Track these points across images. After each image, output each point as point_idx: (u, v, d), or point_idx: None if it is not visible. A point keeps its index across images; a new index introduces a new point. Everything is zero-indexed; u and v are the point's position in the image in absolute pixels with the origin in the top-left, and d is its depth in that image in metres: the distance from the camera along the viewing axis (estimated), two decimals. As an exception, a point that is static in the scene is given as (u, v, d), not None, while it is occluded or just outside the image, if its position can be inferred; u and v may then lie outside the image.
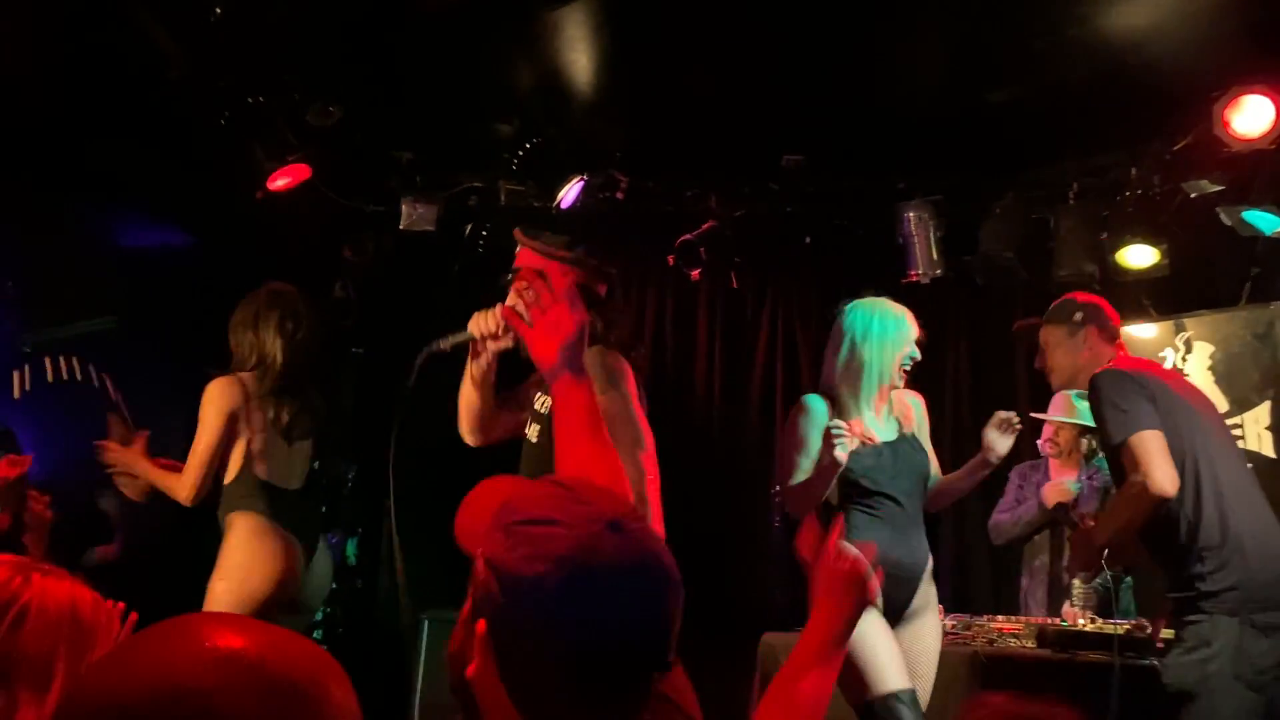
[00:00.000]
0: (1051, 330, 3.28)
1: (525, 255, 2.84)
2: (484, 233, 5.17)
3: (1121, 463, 2.92)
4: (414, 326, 5.45)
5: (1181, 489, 2.82)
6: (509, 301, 2.73)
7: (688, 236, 5.23)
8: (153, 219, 4.97)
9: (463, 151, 5.15)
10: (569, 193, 5.05)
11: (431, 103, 4.78)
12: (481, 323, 2.70)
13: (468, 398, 2.85)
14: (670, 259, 5.29)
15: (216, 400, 3.44)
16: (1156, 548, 2.96)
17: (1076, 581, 3.95)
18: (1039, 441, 4.62)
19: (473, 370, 2.79)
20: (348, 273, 5.28)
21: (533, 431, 2.75)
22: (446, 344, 2.71)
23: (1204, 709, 2.66)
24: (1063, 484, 4.38)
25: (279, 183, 4.62)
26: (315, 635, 5.32)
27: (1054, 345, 3.26)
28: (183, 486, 3.38)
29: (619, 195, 5.29)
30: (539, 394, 2.78)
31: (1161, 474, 2.78)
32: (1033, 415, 4.73)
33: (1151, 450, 2.82)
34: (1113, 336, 3.22)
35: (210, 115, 4.43)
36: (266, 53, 4.30)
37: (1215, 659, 2.68)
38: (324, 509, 4.73)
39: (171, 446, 3.96)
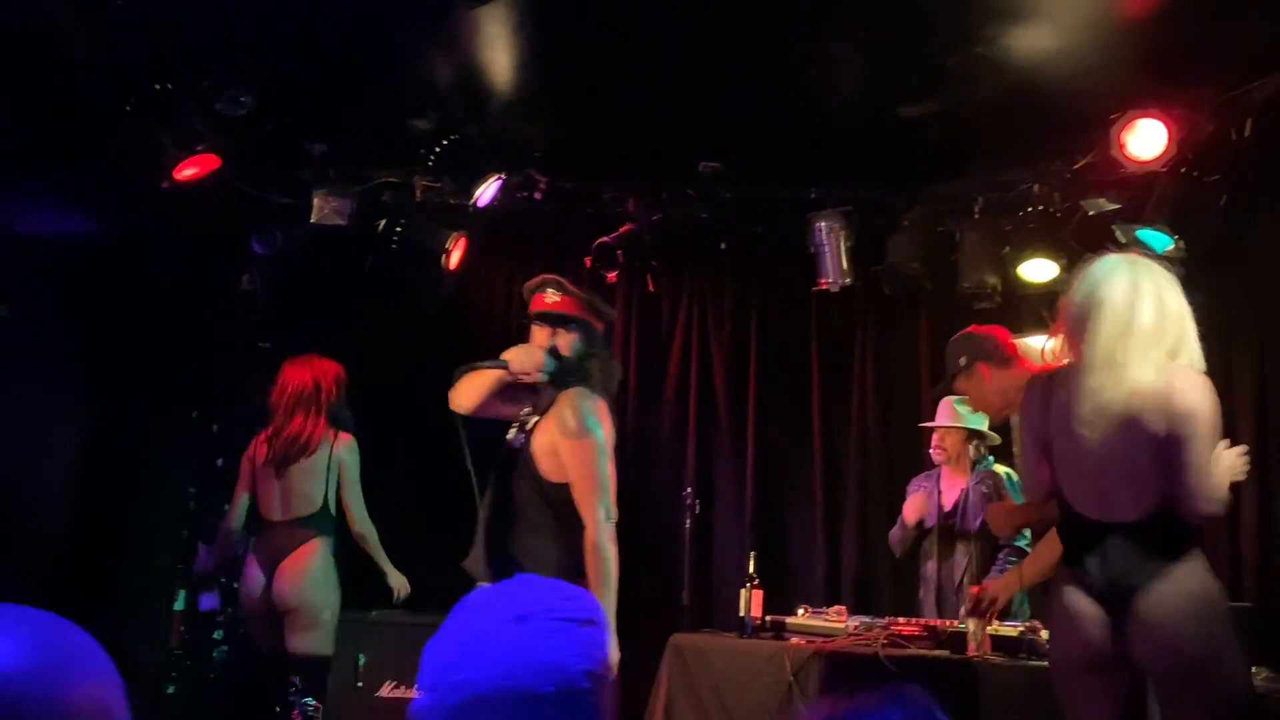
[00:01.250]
0: (958, 384, 3.35)
1: (566, 304, 3.25)
2: (398, 229, 5.10)
3: None
4: (324, 322, 5.39)
5: None
6: (537, 342, 3.20)
7: (605, 239, 5.25)
8: (53, 206, 4.81)
9: (378, 146, 5.08)
10: (486, 191, 5.02)
11: (347, 95, 4.70)
12: (523, 359, 3.11)
13: (484, 382, 3.18)
14: (587, 261, 5.30)
15: None
16: None
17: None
18: (930, 450, 4.75)
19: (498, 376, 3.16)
20: (256, 266, 5.17)
21: (515, 438, 3.14)
22: (482, 366, 3.16)
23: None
24: (917, 501, 4.56)
25: (186, 172, 4.50)
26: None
27: (968, 394, 3.35)
28: None
29: (537, 195, 5.29)
30: (528, 409, 3.18)
31: None
32: (920, 426, 4.87)
33: None
34: (1006, 359, 3.29)
35: (116, 101, 4.30)
36: (176, 38, 4.19)
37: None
38: (226, 505, 4.64)
39: (54, 441, 3.85)
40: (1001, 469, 4.63)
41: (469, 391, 3.23)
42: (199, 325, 5.22)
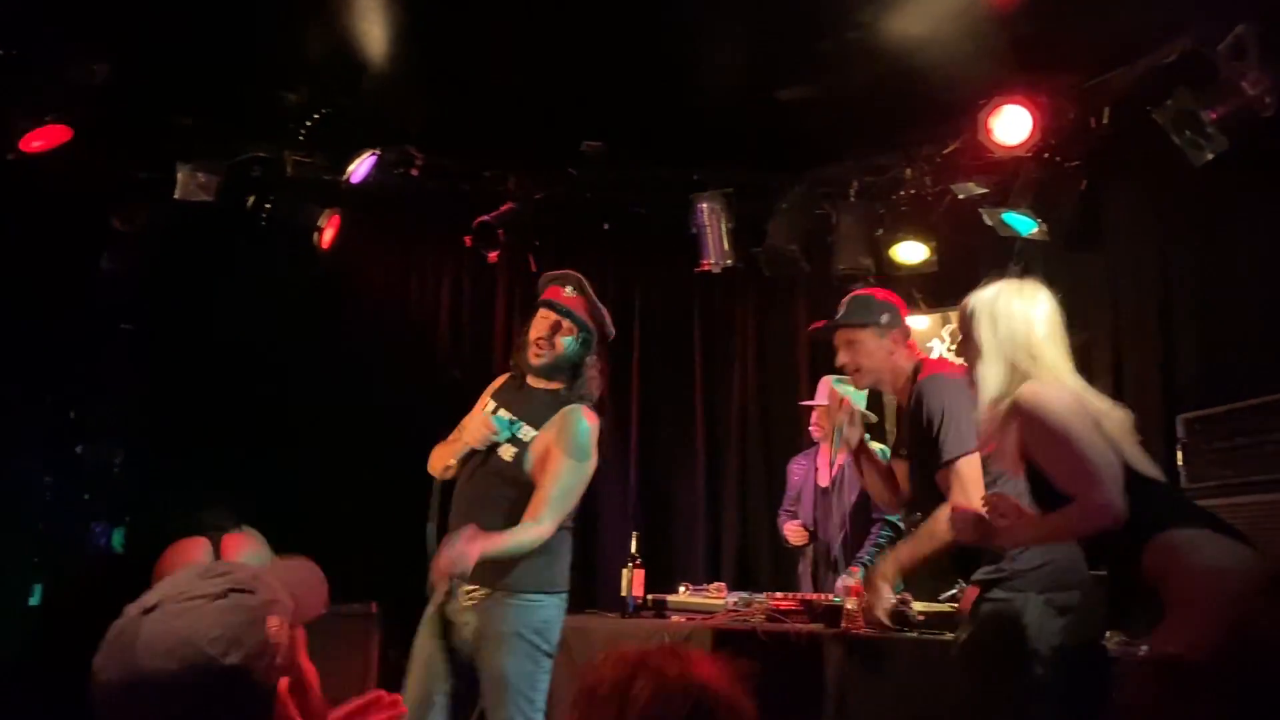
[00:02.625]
0: (857, 332, 3.17)
1: (578, 303, 3.28)
2: (268, 205, 4.92)
3: (937, 472, 2.95)
4: (190, 302, 5.17)
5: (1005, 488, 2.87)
6: (536, 333, 3.22)
7: (486, 218, 5.17)
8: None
9: (246, 119, 4.88)
10: (360, 167, 4.88)
11: (213, 65, 4.50)
12: (477, 434, 3.13)
13: (453, 451, 3.22)
14: (468, 240, 5.22)
15: None
16: None
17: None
18: (809, 427, 4.84)
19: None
20: (117, 244, 4.92)
21: (506, 452, 3.12)
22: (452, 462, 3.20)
23: (1003, 683, 2.72)
24: (796, 529, 4.67)
25: (35, 144, 4.25)
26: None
27: (860, 345, 3.16)
28: None
29: (414, 172, 5.17)
30: (514, 417, 3.17)
31: (975, 500, 2.80)
32: (802, 404, 4.96)
33: (971, 478, 2.87)
34: (908, 335, 3.23)
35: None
36: (23, 1, 3.94)
37: (1019, 636, 2.73)
38: (87, 496, 4.43)
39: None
40: (877, 446, 4.74)
41: (442, 458, 3.27)
42: (55, 307, 4.95)
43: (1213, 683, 1.00)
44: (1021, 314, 2.59)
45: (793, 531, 4.66)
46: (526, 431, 3.14)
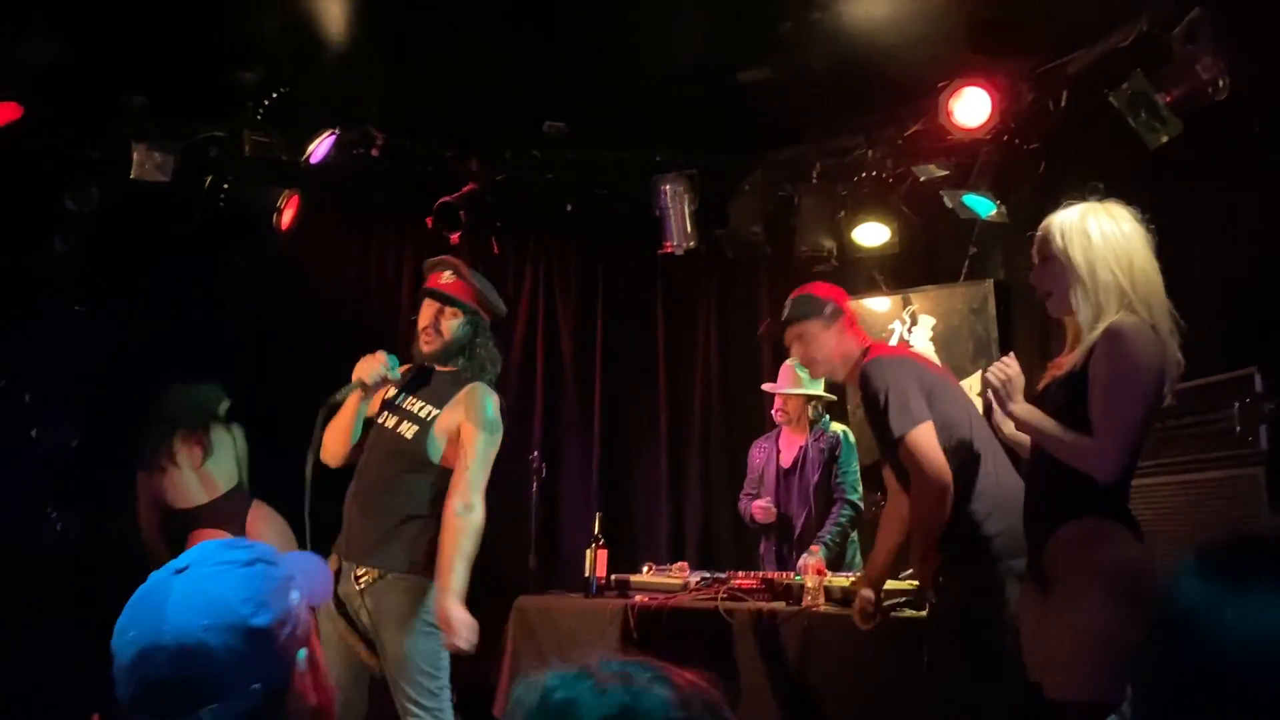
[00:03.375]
0: (806, 325, 3.26)
1: (458, 287, 3.32)
2: (225, 186, 4.85)
3: (896, 452, 3.00)
4: (144, 284, 5.10)
5: (968, 455, 2.95)
6: (423, 321, 3.28)
7: (448, 199, 5.13)
8: None
9: (202, 97, 4.81)
10: (319, 147, 4.83)
11: (167, 43, 4.43)
12: (368, 368, 3.15)
13: (344, 428, 3.24)
14: (429, 221, 5.18)
15: None
16: None
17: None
18: (772, 411, 4.87)
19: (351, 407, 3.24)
20: (69, 225, 4.84)
21: (407, 430, 3.19)
22: (340, 397, 3.19)
23: (970, 650, 2.79)
24: (765, 508, 4.69)
25: (-16, 122, 4.16)
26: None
27: (812, 339, 3.25)
28: None
29: (374, 152, 5.11)
30: (414, 399, 3.24)
31: (937, 467, 2.89)
32: (764, 388, 4.98)
33: (927, 445, 2.92)
34: (854, 322, 3.31)
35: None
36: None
37: (984, 603, 2.81)
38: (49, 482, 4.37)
39: None
40: (839, 427, 4.79)
41: (338, 441, 3.27)
42: (7, 289, 4.85)
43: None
44: (1118, 234, 2.50)
45: (760, 510, 4.69)
46: (428, 411, 3.21)
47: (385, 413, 3.31)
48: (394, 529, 3.12)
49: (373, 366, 3.15)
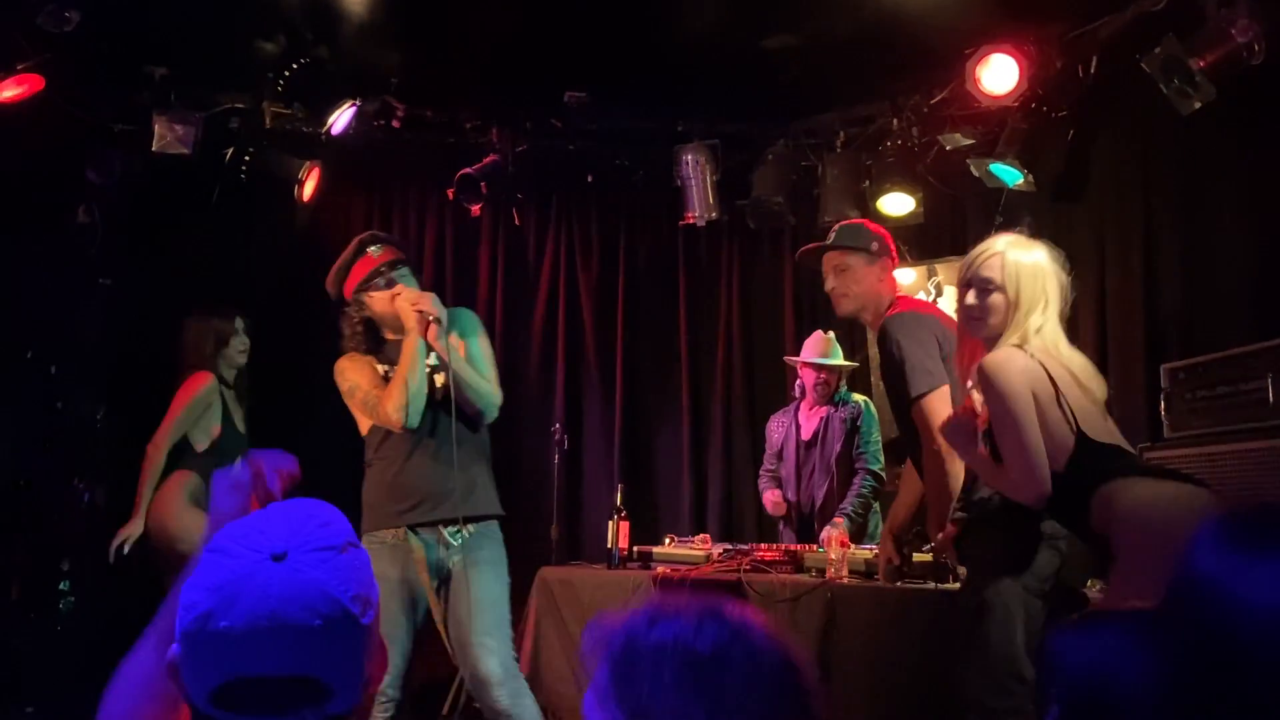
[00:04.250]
0: (848, 255, 3.18)
1: (391, 252, 3.29)
2: (246, 158, 4.85)
3: (909, 412, 2.97)
4: (167, 256, 5.11)
5: None
6: (382, 309, 3.20)
7: (468, 170, 5.11)
8: None
9: (223, 69, 4.79)
10: (340, 118, 4.81)
11: (188, 13, 4.41)
12: (424, 302, 3.12)
13: (418, 379, 3.12)
14: (450, 193, 5.16)
15: None
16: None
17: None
18: (799, 384, 4.83)
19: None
20: (92, 196, 4.85)
21: (444, 378, 3.16)
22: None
23: (999, 620, 2.71)
24: (775, 498, 4.70)
25: (7, 93, 4.16)
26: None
27: (851, 271, 3.17)
28: None
29: (395, 123, 5.10)
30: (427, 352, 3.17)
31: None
32: (788, 360, 4.94)
33: (939, 411, 2.89)
34: (894, 265, 3.27)
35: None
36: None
37: (1011, 571, 2.75)
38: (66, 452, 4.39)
39: None
40: (859, 398, 4.76)
41: (408, 399, 3.11)
42: (32, 261, 4.88)
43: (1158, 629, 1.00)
44: (1047, 274, 2.54)
45: (772, 503, 4.69)
46: (434, 355, 3.19)
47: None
48: (474, 480, 3.17)
49: (428, 301, 3.11)
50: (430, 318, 3.09)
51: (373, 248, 3.27)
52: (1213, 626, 0.90)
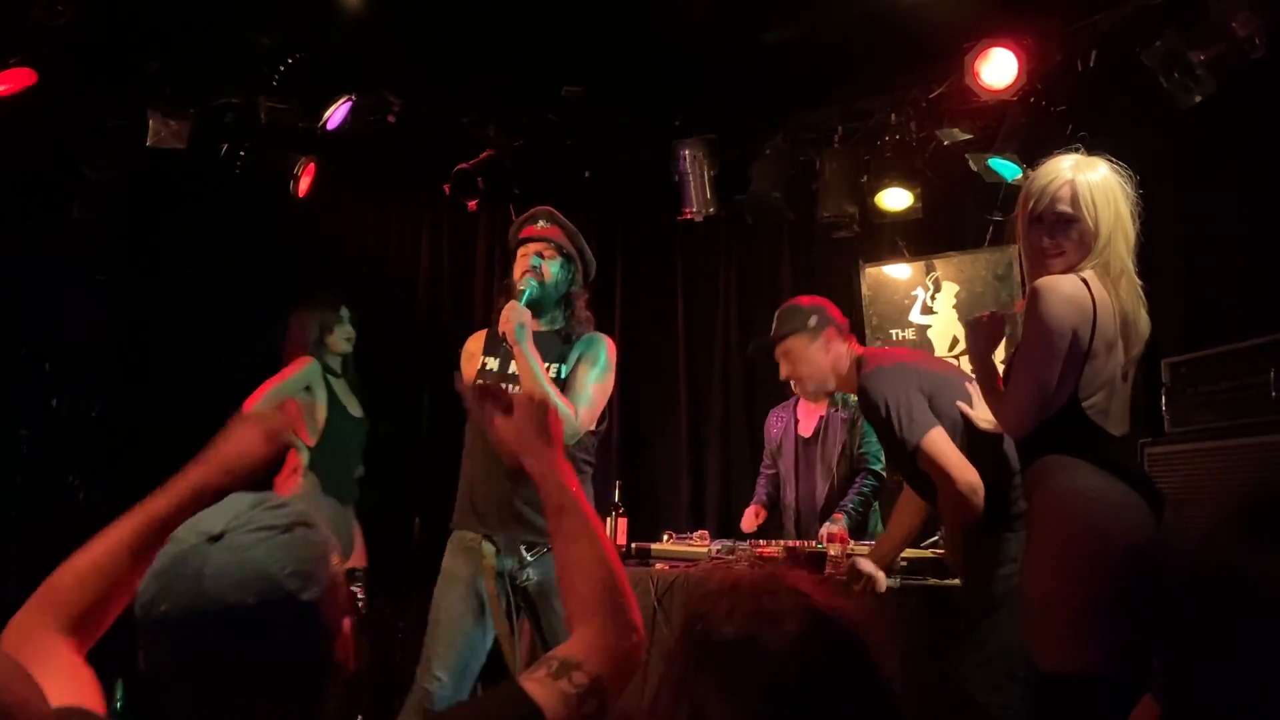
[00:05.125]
0: (791, 341, 3.22)
1: (554, 232, 3.20)
2: (241, 153, 4.82)
3: (914, 462, 2.94)
4: (162, 252, 5.08)
5: (982, 442, 2.89)
6: (519, 269, 3.12)
7: (465, 165, 5.09)
8: None
9: (218, 63, 4.76)
10: (335, 113, 4.78)
11: (181, 8, 4.38)
12: (509, 318, 3.01)
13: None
14: (446, 188, 5.14)
15: None
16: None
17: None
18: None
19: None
20: (87, 192, 4.82)
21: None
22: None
23: (1000, 619, 2.76)
24: (750, 516, 4.62)
25: None
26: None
27: (798, 355, 3.21)
28: None
29: (390, 119, 5.07)
30: (548, 363, 3.10)
31: (960, 466, 2.84)
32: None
33: (944, 449, 2.86)
34: (843, 330, 3.24)
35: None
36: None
37: (1016, 572, 2.72)
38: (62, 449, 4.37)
39: None
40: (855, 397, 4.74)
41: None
42: (26, 257, 4.85)
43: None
44: (1118, 193, 2.41)
45: (748, 522, 4.61)
46: (555, 369, 3.11)
47: (501, 384, 3.21)
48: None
49: (512, 316, 3.00)
50: (500, 332, 3.01)
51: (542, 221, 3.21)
52: (1228, 616, 0.88)
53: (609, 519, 4.19)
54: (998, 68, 4.26)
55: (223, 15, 4.44)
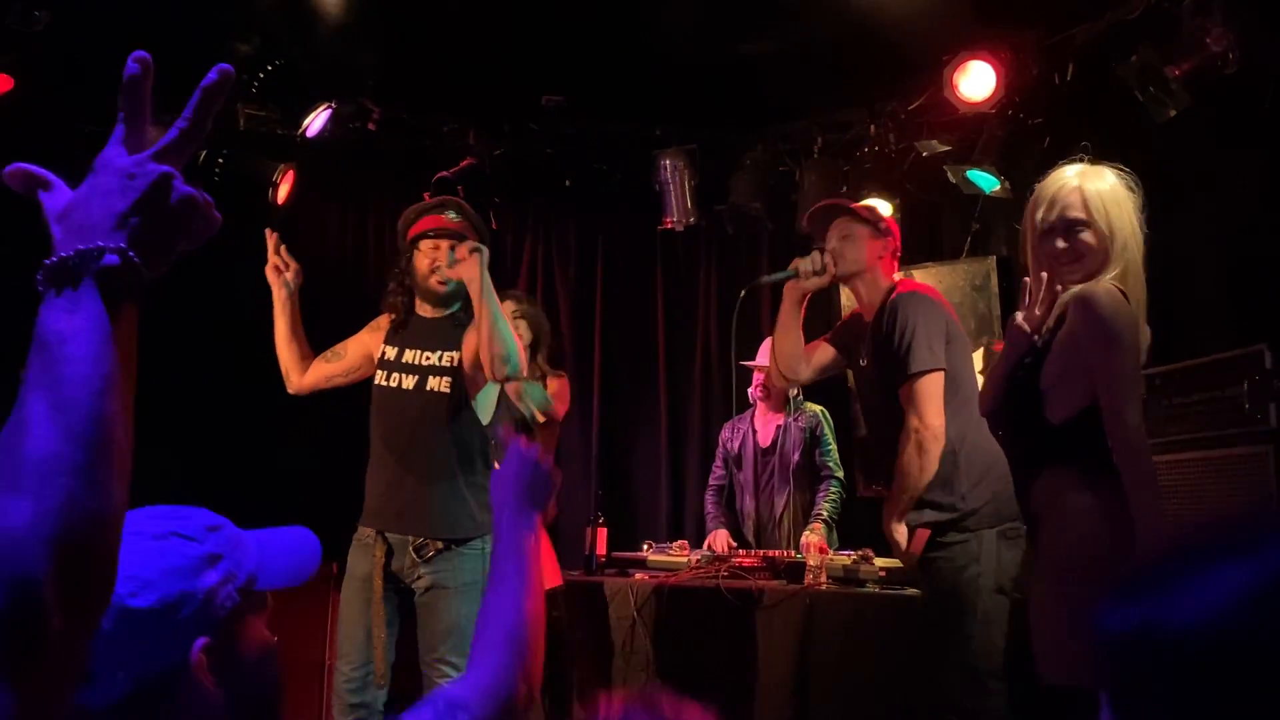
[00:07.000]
0: (858, 225, 3.20)
1: (463, 226, 3.31)
2: (220, 160, 4.79)
3: (897, 389, 2.94)
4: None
5: (965, 417, 2.89)
6: (429, 261, 3.26)
7: (445, 173, 5.07)
8: None
9: (196, 69, 4.71)
10: (315, 121, 4.76)
11: (160, 14, 4.35)
12: (809, 262, 3.19)
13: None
14: (426, 196, 5.12)
15: None
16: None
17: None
18: (749, 390, 4.80)
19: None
20: (63, 199, 4.77)
21: (440, 383, 3.18)
22: (768, 281, 3.39)
23: (970, 621, 2.78)
24: (722, 537, 4.59)
25: (-26, 93, 4.10)
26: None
27: (856, 238, 3.18)
28: None
29: (370, 126, 5.06)
30: (417, 351, 3.23)
31: (936, 415, 2.86)
32: (743, 364, 4.93)
33: (934, 392, 2.88)
34: (897, 255, 3.26)
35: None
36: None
37: (982, 572, 2.80)
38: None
39: None
40: (815, 407, 4.74)
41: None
42: (3, 267, 4.80)
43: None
44: (1126, 200, 2.41)
45: (718, 541, 4.56)
46: (450, 357, 3.18)
47: (392, 373, 3.24)
48: (449, 492, 3.10)
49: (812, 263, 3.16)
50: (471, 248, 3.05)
51: (451, 213, 3.26)
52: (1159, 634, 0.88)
53: (588, 528, 4.18)
54: (976, 80, 4.29)
55: (201, 22, 4.41)
